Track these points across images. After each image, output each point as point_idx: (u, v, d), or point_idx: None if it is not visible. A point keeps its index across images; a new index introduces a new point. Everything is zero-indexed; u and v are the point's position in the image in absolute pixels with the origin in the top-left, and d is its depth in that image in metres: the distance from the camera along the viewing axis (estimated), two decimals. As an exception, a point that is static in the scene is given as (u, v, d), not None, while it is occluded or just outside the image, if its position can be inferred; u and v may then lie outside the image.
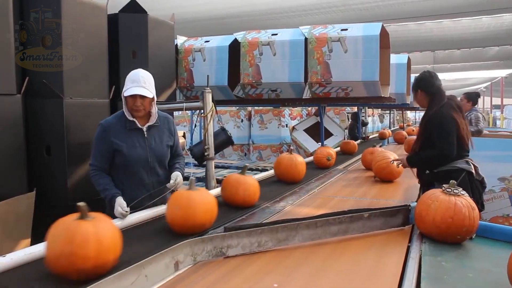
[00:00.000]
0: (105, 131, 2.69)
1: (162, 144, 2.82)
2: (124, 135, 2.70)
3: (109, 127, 2.70)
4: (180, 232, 2.19)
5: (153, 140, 2.78)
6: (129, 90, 2.62)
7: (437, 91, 3.37)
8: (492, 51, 15.52)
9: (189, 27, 9.21)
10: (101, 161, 2.69)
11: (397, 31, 11.15)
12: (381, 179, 4.10)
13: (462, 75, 25.44)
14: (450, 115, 3.20)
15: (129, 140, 2.70)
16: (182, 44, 5.97)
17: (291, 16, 9.25)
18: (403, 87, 7.82)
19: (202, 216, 2.24)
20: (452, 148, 3.16)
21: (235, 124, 11.56)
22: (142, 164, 2.72)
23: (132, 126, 2.72)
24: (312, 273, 1.77)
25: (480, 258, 1.95)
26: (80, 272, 1.62)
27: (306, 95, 5.35)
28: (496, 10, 9.73)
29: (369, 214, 2.25)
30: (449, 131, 3.18)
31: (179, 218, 2.20)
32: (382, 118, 17.24)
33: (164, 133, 2.85)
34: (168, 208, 2.27)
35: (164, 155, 2.84)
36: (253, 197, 2.92)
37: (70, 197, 3.60)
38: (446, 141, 3.17)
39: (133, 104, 2.65)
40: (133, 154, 2.68)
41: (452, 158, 3.19)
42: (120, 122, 2.72)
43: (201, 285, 1.64)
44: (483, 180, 3.32)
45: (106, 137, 2.67)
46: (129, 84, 2.65)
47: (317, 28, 5.26)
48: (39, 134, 3.63)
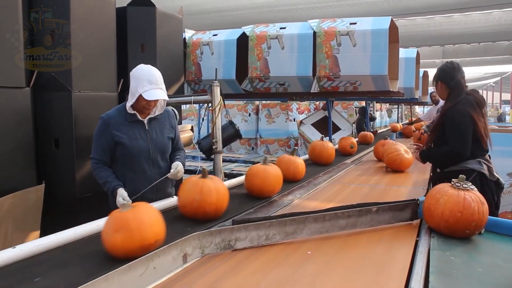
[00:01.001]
0: (105, 125, 2.70)
1: (163, 136, 2.85)
2: (125, 127, 2.72)
3: (109, 120, 2.72)
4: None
5: (154, 132, 2.80)
6: (150, 93, 2.61)
7: (456, 85, 3.20)
8: (502, 45, 15.37)
9: (196, 19, 9.20)
10: (102, 154, 2.72)
11: (406, 25, 11.09)
12: (392, 169, 4.27)
13: (471, 70, 25.25)
14: (467, 112, 3.05)
15: (131, 132, 2.72)
16: (190, 38, 5.97)
17: (300, 9, 9.22)
18: (411, 81, 7.79)
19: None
20: (465, 147, 3.03)
21: (242, 118, 11.57)
22: (144, 155, 2.75)
23: (132, 119, 2.74)
24: (320, 266, 1.77)
25: (489, 253, 1.94)
26: (206, 214, 2.28)
27: (314, 89, 5.33)
28: (508, 4, 9.62)
29: (377, 208, 2.25)
30: (463, 129, 3.04)
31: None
32: (390, 113, 17.19)
33: (164, 126, 2.88)
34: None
35: (165, 147, 2.87)
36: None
37: (78, 190, 3.63)
38: (459, 139, 3.05)
39: (146, 104, 2.67)
40: (135, 146, 2.71)
41: (464, 157, 3.07)
42: (120, 115, 2.74)
43: (209, 278, 1.64)
44: (499, 181, 3.13)
45: (107, 131, 2.69)
46: (147, 84, 2.61)
47: (325, 21, 5.24)
48: (47, 128, 3.65)
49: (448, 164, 3.18)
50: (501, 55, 17.84)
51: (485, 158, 3.12)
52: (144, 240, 1.72)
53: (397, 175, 4.10)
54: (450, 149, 3.09)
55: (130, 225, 1.72)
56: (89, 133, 3.70)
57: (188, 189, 2.33)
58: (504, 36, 13.45)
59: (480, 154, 3.11)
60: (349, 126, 7.96)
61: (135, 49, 4.43)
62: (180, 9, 5.17)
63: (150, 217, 1.80)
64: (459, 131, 3.06)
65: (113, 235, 1.72)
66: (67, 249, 1.91)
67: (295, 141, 11.06)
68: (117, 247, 1.72)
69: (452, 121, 3.09)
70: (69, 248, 1.93)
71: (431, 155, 3.39)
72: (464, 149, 3.04)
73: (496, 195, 3.12)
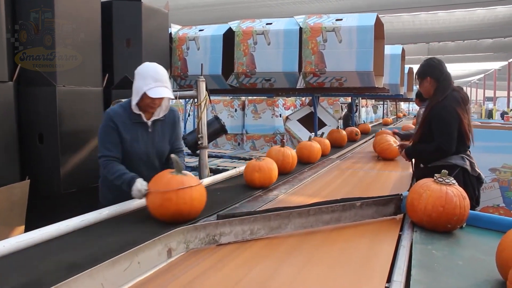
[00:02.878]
0: (111, 121, 2.58)
1: (164, 139, 2.77)
2: (128, 127, 2.62)
3: (115, 115, 2.60)
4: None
5: (157, 135, 2.72)
6: (155, 91, 2.51)
7: (446, 79, 3.18)
8: (485, 43, 15.59)
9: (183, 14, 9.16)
10: (114, 150, 2.57)
11: (392, 22, 11.17)
12: (383, 158, 4.90)
13: (456, 67, 25.54)
14: (453, 109, 3.05)
15: (133, 133, 2.63)
16: (176, 33, 5.94)
17: (286, 4, 9.24)
18: (397, 78, 7.85)
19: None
20: (451, 143, 3.04)
21: (228, 114, 11.53)
22: (143, 158, 2.67)
23: (137, 119, 2.64)
24: (304, 261, 1.78)
25: (470, 246, 1.97)
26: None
27: (300, 85, 5.35)
28: (491, 2, 9.76)
29: (361, 203, 2.27)
30: (450, 125, 3.04)
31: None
32: (376, 109, 17.30)
33: (168, 127, 2.79)
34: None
35: (165, 151, 2.78)
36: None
37: (63, 186, 3.60)
38: (446, 135, 3.05)
39: (151, 102, 2.57)
40: (135, 148, 2.63)
41: (450, 153, 3.08)
42: (126, 113, 2.63)
43: (193, 272, 1.65)
44: (480, 176, 3.16)
45: (114, 126, 2.58)
46: (151, 82, 2.52)
47: (311, 17, 5.25)
48: (31, 122, 3.62)
49: (433, 160, 3.17)
50: (484, 53, 18.07)
51: (467, 154, 3.15)
52: (272, 178, 3.14)
53: (388, 162, 4.75)
54: (437, 145, 3.09)
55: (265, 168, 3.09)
56: (74, 128, 3.69)
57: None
58: (487, 34, 13.63)
59: (463, 150, 3.13)
60: (335, 121, 7.99)
61: (120, 44, 4.40)
62: (166, 4, 5.14)
63: (274, 166, 3.19)
64: (446, 128, 3.06)
65: (253, 174, 3.07)
66: (52, 244, 1.90)
67: (281, 136, 11.08)
68: (255, 181, 3.08)
69: (439, 118, 3.09)
70: (53, 243, 1.92)
71: (416, 152, 3.37)
72: (451, 145, 3.05)
73: (477, 190, 3.15)
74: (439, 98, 3.14)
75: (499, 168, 4.95)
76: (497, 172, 4.96)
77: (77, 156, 3.73)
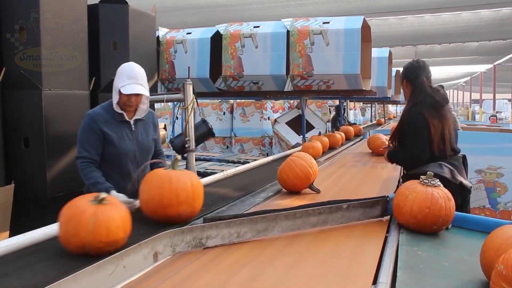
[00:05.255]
0: (93, 121, 2.61)
1: (148, 137, 2.82)
2: (113, 126, 2.65)
3: (97, 117, 2.63)
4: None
5: (140, 134, 2.76)
6: (127, 87, 2.57)
7: (418, 84, 3.05)
8: (471, 46, 15.77)
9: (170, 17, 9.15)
10: (92, 151, 2.60)
11: (379, 25, 11.26)
12: (377, 154, 5.27)
13: (442, 70, 25.80)
14: (422, 116, 2.92)
15: (119, 132, 2.66)
16: (163, 36, 5.93)
17: (274, 7, 9.27)
18: (384, 80, 7.91)
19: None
20: (422, 151, 2.92)
21: (217, 117, 11.53)
22: (130, 157, 2.70)
23: (120, 118, 2.68)
24: (291, 263, 1.78)
25: (455, 247, 1.99)
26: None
27: (288, 88, 5.37)
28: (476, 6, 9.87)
29: (348, 205, 2.28)
30: (418, 133, 2.93)
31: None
32: (364, 112, 17.38)
33: (149, 127, 2.85)
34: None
35: (150, 149, 2.84)
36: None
37: (49, 190, 3.57)
38: (416, 144, 2.95)
39: (127, 100, 2.62)
40: (123, 146, 2.66)
41: (424, 161, 2.94)
42: (108, 113, 2.67)
43: (180, 275, 1.64)
44: (462, 184, 2.93)
45: (95, 127, 2.60)
46: (125, 79, 2.59)
47: (299, 20, 5.27)
48: (16, 126, 3.59)
49: (410, 167, 3.11)
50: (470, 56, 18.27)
51: (448, 161, 2.96)
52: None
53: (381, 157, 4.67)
54: (409, 153, 3.02)
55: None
56: (60, 131, 3.66)
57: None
58: (472, 37, 13.79)
59: (441, 156, 2.95)
60: (323, 124, 8.02)
61: (107, 47, 4.38)
62: (153, 7, 5.13)
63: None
64: (415, 135, 2.97)
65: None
66: (37, 249, 1.88)
67: (270, 139, 11.10)
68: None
69: (409, 125, 3.01)
70: (39, 248, 1.90)
71: (396, 157, 3.29)
72: (422, 153, 2.93)
73: (462, 198, 2.93)
74: (411, 104, 3.07)
75: (485, 170, 5.01)
76: (482, 173, 5.01)
77: (63, 160, 3.70)
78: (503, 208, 5.00)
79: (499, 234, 1.51)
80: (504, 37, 13.92)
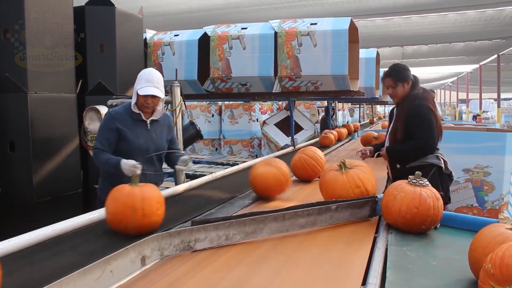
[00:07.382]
0: (112, 119, 2.91)
1: (162, 138, 3.08)
2: (129, 124, 2.93)
3: (116, 115, 2.93)
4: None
5: (155, 133, 3.03)
6: (144, 89, 2.84)
7: (416, 81, 3.38)
8: (458, 46, 15.89)
9: (158, 21, 9.11)
10: (106, 145, 2.87)
11: (366, 26, 11.30)
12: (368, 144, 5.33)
13: (429, 70, 25.99)
14: (428, 107, 3.23)
15: (134, 129, 2.94)
16: (151, 38, 5.90)
17: (261, 9, 9.27)
18: (372, 81, 7.93)
19: None
20: (435, 139, 3.21)
21: (205, 119, 11.50)
22: (142, 152, 2.94)
23: (137, 118, 2.96)
24: (280, 264, 1.78)
25: (443, 246, 1.99)
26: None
27: (276, 89, 5.36)
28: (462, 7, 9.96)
29: (336, 206, 2.27)
30: (430, 121, 3.19)
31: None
32: (352, 112, 17.47)
33: (164, 128, 3.11)
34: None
35: (162, 149, 3.09)
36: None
37: (35, 195, 3.53)
38: (429, 132, 3.19)
39: (144, 102, 2.88)
40: (136, 142, 2.92)
41: (434, 148, 3.23)
42: (126, 112, 2.95)
43: (168, 279, 1.62)
44: (451, 174, 3.35)
45: (112, 124, 2.89)
46: (143, 82, 2.86)
47: (287, 22, 5.28)
48: (2, 130, 3.54)
49: (416, 158, 3.25)
50: (456, 56, 18.42)
51: (440, 153, 3.30)
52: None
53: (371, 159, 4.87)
54: (423, 142, 3.20)
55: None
56: (47, 135, 3.62)
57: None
58: (458, 38, 13.91)
59: (437, 149, 3.28)
60: (312, 125, 8.03)
61: (94, 49, 4.34)
62: (140, 9, 5.10)
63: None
64: (427, 124, 3.19)
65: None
66: (22, 255, 1.85)
67: (259, 141, 11.09)
68: None
69: (419, 115, 3.21)
70: (24, 253, 1.87)
71: (398, 151, 3.36)
72: (434, 140, 3.20)
73: (447, 185, 3.33)
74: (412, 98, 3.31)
75: (472, 169, 5.04)
76: (470, 172, 5.05)
77: (50, 164, 3.66)
78: (490, 207, 5.04)
79: (487, 232, 1.52)
80: (489, 37, 14.07)
